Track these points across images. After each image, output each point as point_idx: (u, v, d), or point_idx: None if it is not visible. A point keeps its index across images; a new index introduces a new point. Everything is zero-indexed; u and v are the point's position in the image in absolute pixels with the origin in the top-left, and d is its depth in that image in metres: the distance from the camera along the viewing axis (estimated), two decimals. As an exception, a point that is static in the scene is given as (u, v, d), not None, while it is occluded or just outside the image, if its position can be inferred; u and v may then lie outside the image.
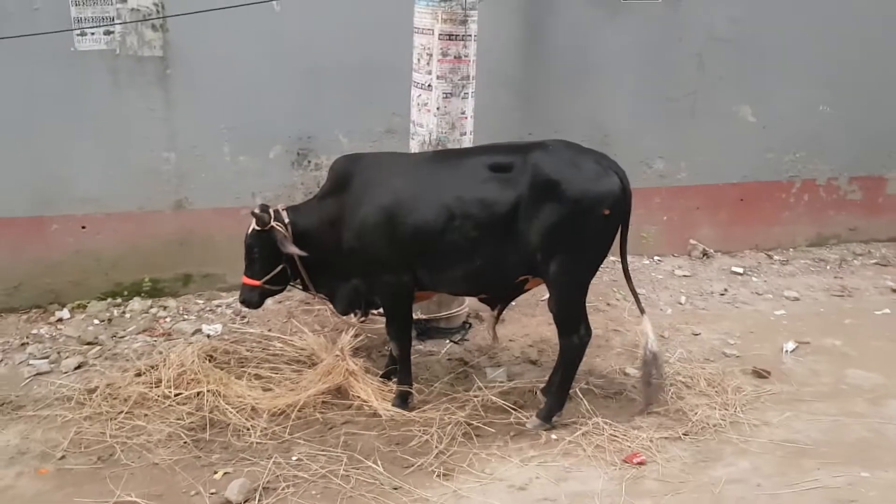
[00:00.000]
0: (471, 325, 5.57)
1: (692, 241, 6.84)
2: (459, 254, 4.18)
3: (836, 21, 6.64)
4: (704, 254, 6.80)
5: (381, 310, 4.66)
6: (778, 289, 6.39)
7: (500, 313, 4.63)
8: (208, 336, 5.37)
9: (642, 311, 4.45)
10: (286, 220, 4.42)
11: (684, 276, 6.52)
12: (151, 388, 4.63)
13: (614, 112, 6.43)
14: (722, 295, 6.26)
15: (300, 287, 4.67)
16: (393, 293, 4.41)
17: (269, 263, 4.48)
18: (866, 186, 7.17)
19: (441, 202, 4.14)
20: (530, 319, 5.67)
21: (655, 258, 6.79)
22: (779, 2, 6.51)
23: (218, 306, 5.80)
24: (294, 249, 4.33)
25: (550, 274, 4.15)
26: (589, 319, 4.37)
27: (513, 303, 4.98)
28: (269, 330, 5.42)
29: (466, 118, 5.08)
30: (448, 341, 5.38)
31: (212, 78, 5.61)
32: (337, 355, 4.77)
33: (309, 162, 5.89)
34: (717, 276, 6.56)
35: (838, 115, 6.90)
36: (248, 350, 5.12)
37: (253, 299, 4.59)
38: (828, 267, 6.85)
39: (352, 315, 4.73)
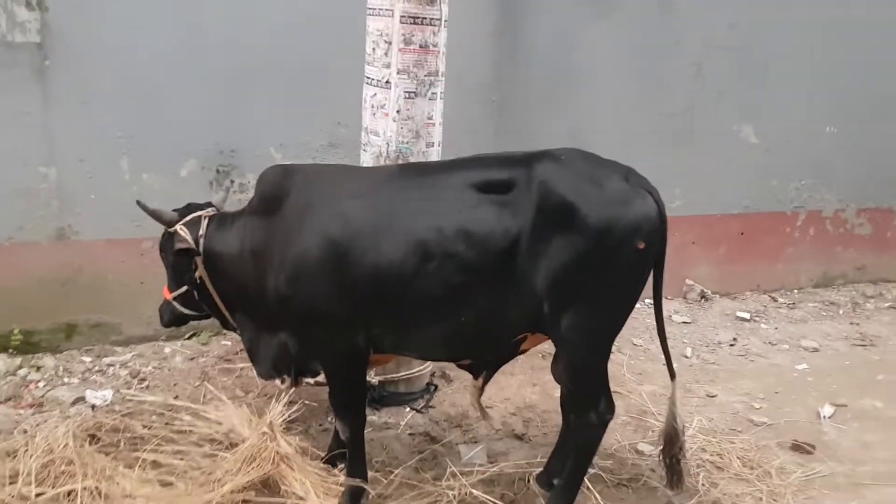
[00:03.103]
0: (436, 387, 4.43)
1: (688, 282, 5.86)
2: (437, 307, 3.07)
3: (843, 29, 5.80)
4: (703, 296, 5.81)
5: (318, 378, 3.48)
6: (792, 337, 5.43)
7: (485, 382, 3.49)
8: (93, 407, 4.09)
9: (673, 375, 3.39)
10: (200, 232, 3.37)
11: (684, 322, 5.51)
12: (4, 485, 3.33)
13: (600, 127, 5.42)
14: (731, 346, 5.26)
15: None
16: (339, 359, 3.26)
17: (178, 277, 3.49)
18: (875, 219, 6.32)
19: (412, 235, 3.02)
20: (510, 379, 4.56)
21: (646, 301, 5.75)
22: (782, 7, 5.63)
23: (110, 365, 4.51)
24: (184, 244, 3.32)
25: (562, 331, 3.04)
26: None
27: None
28: (176, 397, 4.17)
29: (434, 125, 3.98)
30: (408, 409, 4.23)
31: (106, 72, 4.40)
32: (265, 433, 3.56)
33: (232, 182, 4.61)
34: (722, 323, 5.57)
35: (845, 138, 6.05)
36: (145, 426, 3.87)
37: (164, 314, 3.65)
38: (840, 311, 5.94)
39: (277, 380, 3.55)
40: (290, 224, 3.17)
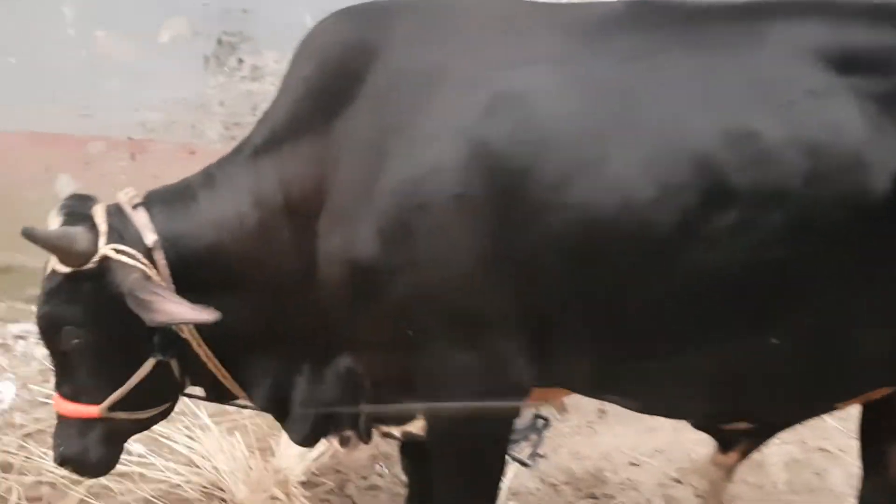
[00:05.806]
0: (546, 421, 2.77)
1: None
2: (721, 311, 1.48)
3: None
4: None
5: (410, 427, 1.78)
6: None
7: (744, 457, 1.84)
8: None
9: None
10: (152, 238, 1.63)
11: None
12: None
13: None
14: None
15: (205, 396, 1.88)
16: (472, 406, 1.61)
17: (117, 356, 1.71)
18: None
19: (682, 146, 1.42)
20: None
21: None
22: None
23: (20, 338, 2.83)
24: (189, 315, 1.55)
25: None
26: None
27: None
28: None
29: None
30: (509, 461, 2.57)
31: None
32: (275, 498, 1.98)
33: (240, 61, 2.96)
34: None
35: None
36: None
37: (86, 453, 1.76)
38: None
39: (333, 440, 1.87)
40: (385, 121, 1.50)
